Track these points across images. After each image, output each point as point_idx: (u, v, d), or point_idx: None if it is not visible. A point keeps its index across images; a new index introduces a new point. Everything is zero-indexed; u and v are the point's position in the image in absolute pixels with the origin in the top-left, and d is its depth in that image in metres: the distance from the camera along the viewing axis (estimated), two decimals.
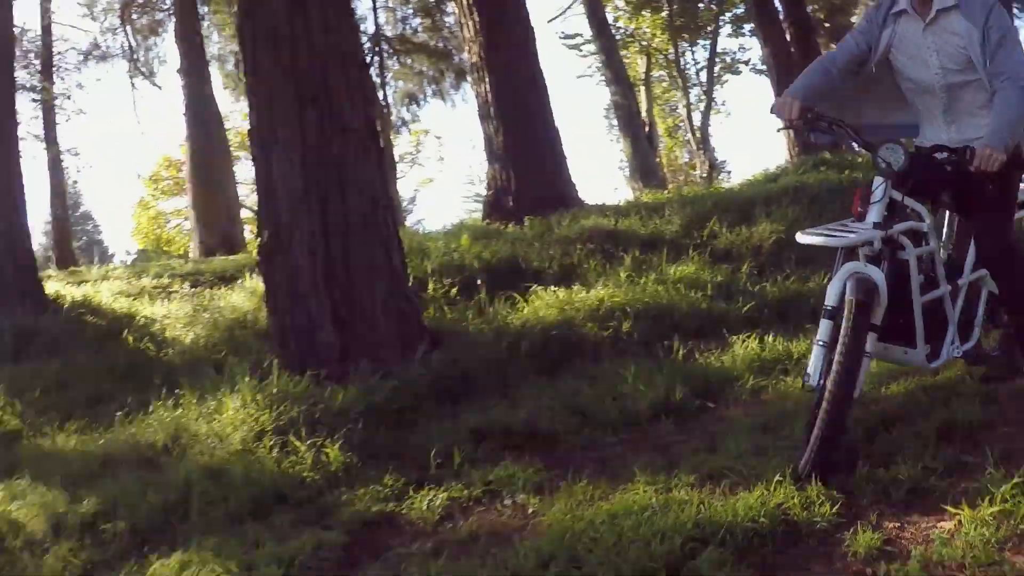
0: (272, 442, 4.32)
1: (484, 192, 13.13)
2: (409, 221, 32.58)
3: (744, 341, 5.28)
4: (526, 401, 4.74)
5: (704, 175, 26.17)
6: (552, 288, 6.53)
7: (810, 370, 3.30)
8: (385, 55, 26.43)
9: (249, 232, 20.18)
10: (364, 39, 23.94)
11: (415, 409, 4.82)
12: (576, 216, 9.33)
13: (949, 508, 2.87)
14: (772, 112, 3.66)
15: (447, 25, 24.27)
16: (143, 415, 5.11)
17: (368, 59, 24.37)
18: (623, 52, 28.76)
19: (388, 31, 25.87)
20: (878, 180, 3.49)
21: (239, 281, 9.23)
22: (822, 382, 3.22)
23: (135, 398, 5.52)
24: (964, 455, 3.29)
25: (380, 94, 25.42)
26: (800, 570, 2.74)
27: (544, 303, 6.11)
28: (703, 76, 29.44)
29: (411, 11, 26.60)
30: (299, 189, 5.44)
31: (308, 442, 4.24)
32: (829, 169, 10.20)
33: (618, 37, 28.28)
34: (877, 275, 3.28)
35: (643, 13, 27.23)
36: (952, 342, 3.68)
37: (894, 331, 3.49)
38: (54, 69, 22.94)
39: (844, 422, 3.25)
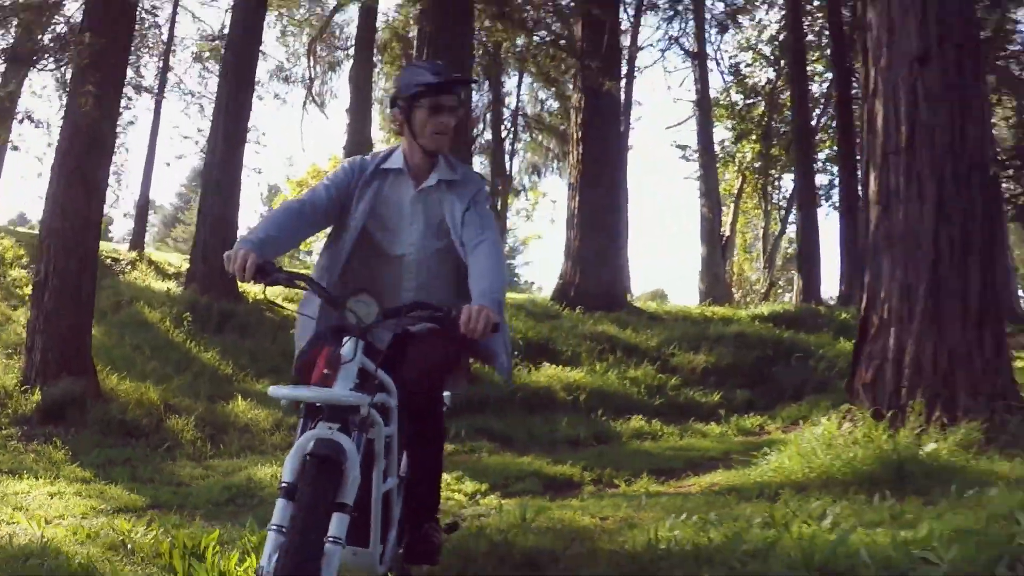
0: None
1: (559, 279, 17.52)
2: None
3: (640, 420, 9.68)
4: (511, 422, 9.24)
5: (763, 291, 29.95)
6: (557, 365, 11.06)
7: (263, 562, 2.55)
8: (520, 128, 30.74)
9: None
10: (506, 113, 28.50)
11: None
12: (601, 319, 13.83)
13: None
14: (226, 267, 3.03)
15: None
16: None
17: (504, 132, 28.86)
18: (723, 169, 32.84)
19: (528, 109, 30.33)
20: (350, 340, 2.95)
21: None
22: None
23: None
24: None
25: (507, 162, 29.86)
26: None
27: (544, 374, 10.62)
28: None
29: (550, 94, 29.44)
30: None
31: None
32: (786, 328, 14.33)
33: (721, 155, 32.38)
34: (350, 445, 2.68)
35: (744, 140, 31.14)
36: (397, 541, 3.26)
37: None
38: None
39: None
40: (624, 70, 24.09)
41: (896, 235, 6.49)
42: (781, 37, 27.48)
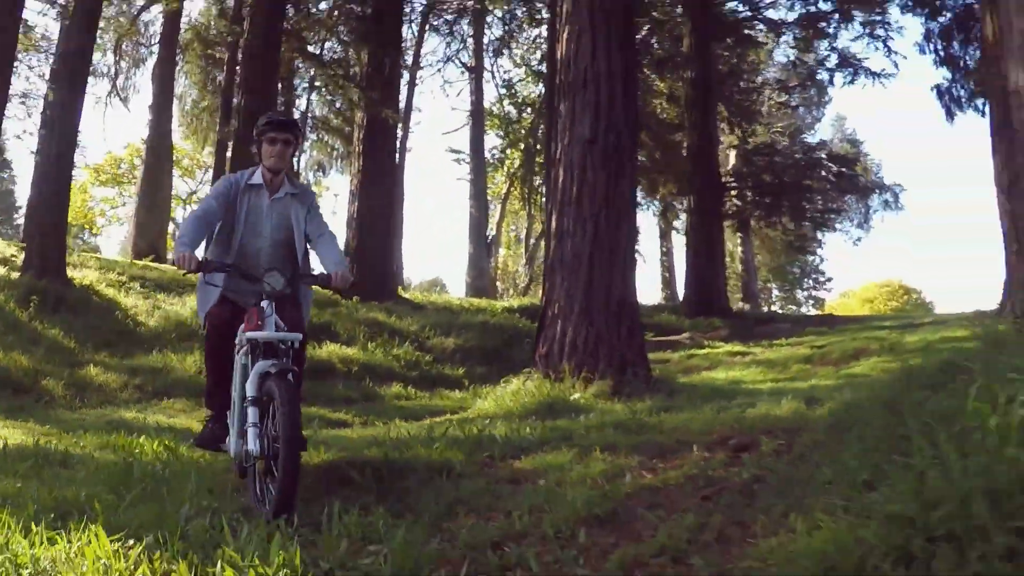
0: None
1: None
2: None
3: (399, 386, 12.63)
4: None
5: (524, 285, 33.77)
6: (337, 344, 13.83)
7: (251, 447, 4.29)
8: (308, 128, 32.71)
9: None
10: (296, 113, 30.49)
11: None
12: (372, 307, 16.70)
13: None
14: (176, 265, 4.67)
15: None
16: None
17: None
18: (493, 174, 36.36)
19: (317, 111, 32.34)
20: (266, 301, 4.60)
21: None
22: (267, 450, 4.25)
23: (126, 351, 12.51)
24: None
25: (295, 159, 31.83)
26: None
27: (326, 350, 13.39)
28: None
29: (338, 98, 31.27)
30: None
31: None
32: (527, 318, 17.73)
33: (491, 160, 35.85)
34: (289, 364, 4.40)
35: (512, 149, 34.68)
36: None
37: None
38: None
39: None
40: (407, 77, 26.90)
41: (566, 259, 9.78)
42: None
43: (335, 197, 59.19)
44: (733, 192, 25.52)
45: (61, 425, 8.42)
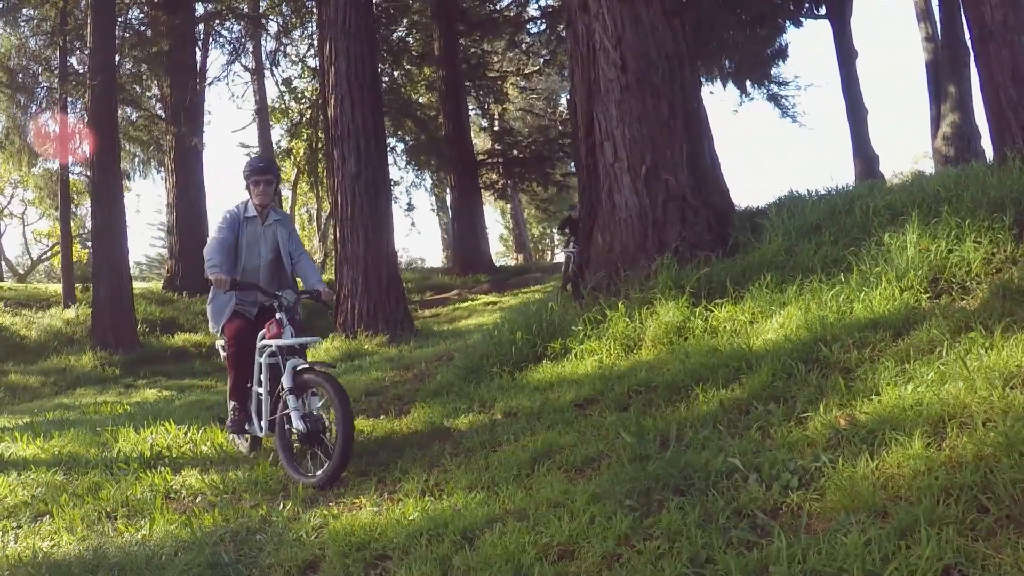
0: None
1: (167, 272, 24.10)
2: None
3: None
4: (166, 368, 16.29)
5: (320, 260, 38.09)
6: (184, 332, 18.09)
7: (298, 425, 5.44)
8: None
9: None
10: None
11: None
12: (201, 300, 20.90)
13: None
14: (215, 285, 6.03)
15: None
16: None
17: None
18: (282, 163, 40.05)
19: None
20: (280, 313, 5.78)
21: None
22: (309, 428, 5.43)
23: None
24: None
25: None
26: None
27: (179, 338, 17.64)
28: None
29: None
30: None
31: None
32: None
33: (278, 150, 39.51)
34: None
35: (296, 139, 38.43)
36: None
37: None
38: None
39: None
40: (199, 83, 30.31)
41: (349, 257, 14.62)
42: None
43: (138, 198, 61.67)
44: (488, 168, 30.95)
45: (48, 411, 12.50)
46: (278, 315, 5.81)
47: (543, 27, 30.05)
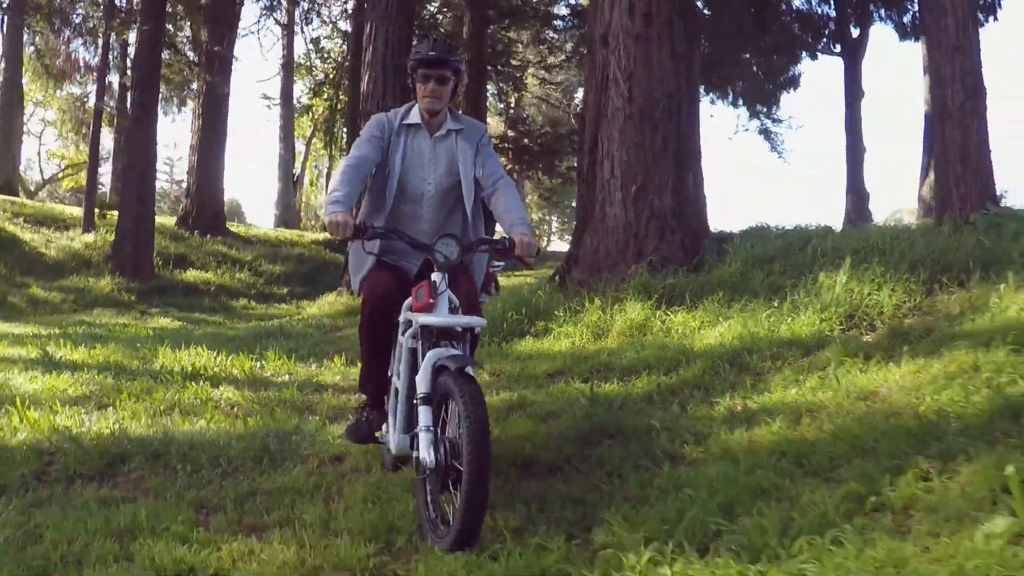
0: None
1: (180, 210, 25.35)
2: None
3: (244, 301, 18.47)
4: (179, 302, 17.58)
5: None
6: (196, 270, 19.39)
7: (423, 455, 3.49)
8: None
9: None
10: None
11: None
12: (215, 241, 22.15)
13: None
14: (328, 231, 3.90)
15: None
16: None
17: None
18: (299, 119, 41.15)
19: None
20: (438, 274, 3.82)
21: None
22: (444, 460, 3.47)
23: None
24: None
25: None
26: None
27: (190, 275, 18.91)
28: None
29: None
30: None
31: None
32: (330, 249, 23.69)
33: (299, 107, 40.62)
34: (468, 357, 3.71)
35: (317, 97, 39.52)
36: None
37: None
38: None
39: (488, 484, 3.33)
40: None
41: None
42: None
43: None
44: (499, 152, 32.19)
45: (72, 326, 13.71)
46: (434, 276, 3.95)
47: (569, 24, 31.22)
